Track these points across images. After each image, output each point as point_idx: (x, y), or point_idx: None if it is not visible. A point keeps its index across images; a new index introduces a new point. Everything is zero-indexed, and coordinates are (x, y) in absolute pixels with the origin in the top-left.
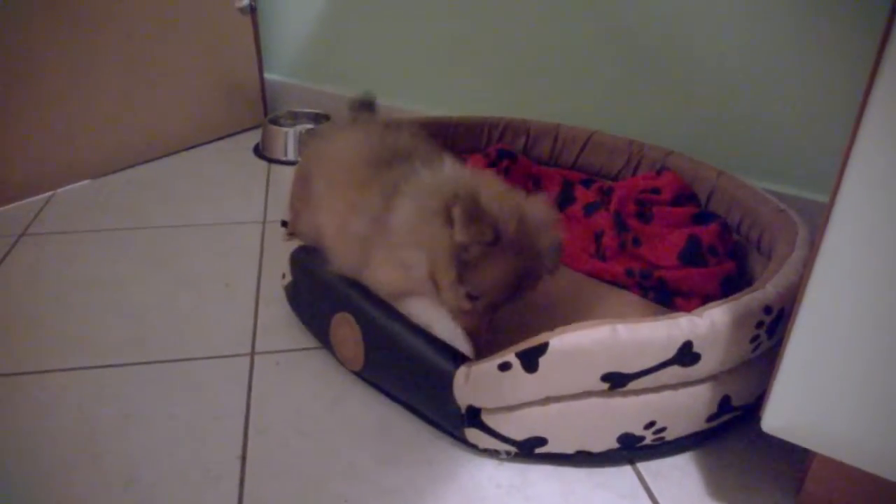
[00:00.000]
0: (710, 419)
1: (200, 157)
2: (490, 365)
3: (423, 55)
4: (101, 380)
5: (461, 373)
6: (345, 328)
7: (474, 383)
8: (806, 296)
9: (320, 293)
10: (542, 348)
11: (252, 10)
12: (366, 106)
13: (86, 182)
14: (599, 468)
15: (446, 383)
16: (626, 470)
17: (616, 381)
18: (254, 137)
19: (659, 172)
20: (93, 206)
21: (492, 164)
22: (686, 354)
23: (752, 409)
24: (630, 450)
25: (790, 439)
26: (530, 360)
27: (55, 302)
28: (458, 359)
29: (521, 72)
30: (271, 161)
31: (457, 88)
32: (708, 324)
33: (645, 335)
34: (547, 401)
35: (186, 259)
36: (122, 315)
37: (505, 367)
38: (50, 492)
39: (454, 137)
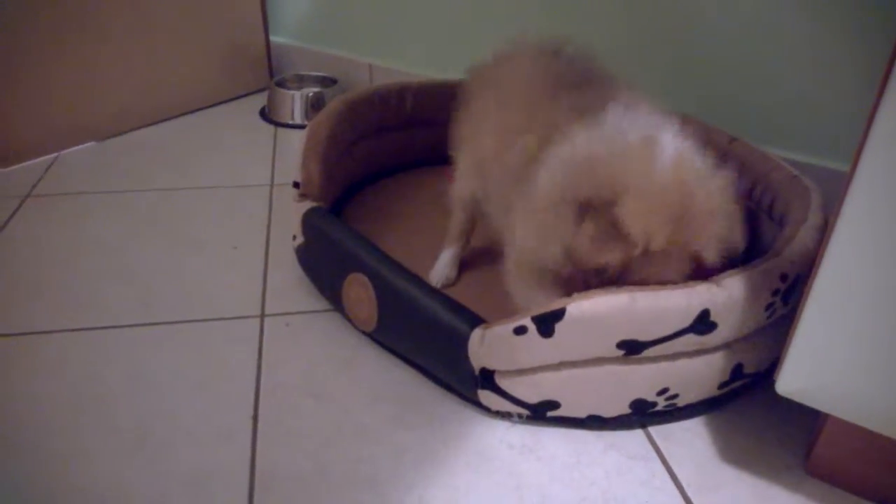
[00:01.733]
0: (721, 386)
1: (206, 120)
2: (506, 328)
3: (432, 18)
4: (108, 340)
5: (476, 334)
6: (358, 288)
7: (489, 346)
8: (824, 261)
9: (333, 254)
10: (558, 314)
11: None
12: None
13: (91, 144)
14: (609, 431)
15: (461, 345)
16: (637, 433)
17: (631, 349)
18: (259, 101)
19: None
20: (98, 168)
21: None
22: (703, 322)
23: (763, 376)
24: (641, 415)
25: (804, 402)
26: (546, 325)
27: (60, 264)
28: (474, 320)
29: (533, 34)
30: (278, 125)
31: (467, 52)
32: (726, 293)
33: (664, 303)
34: (561, 366)
35: (193, 222)
36: (128, 277)
37: (520, 330)
38: (59, 448)
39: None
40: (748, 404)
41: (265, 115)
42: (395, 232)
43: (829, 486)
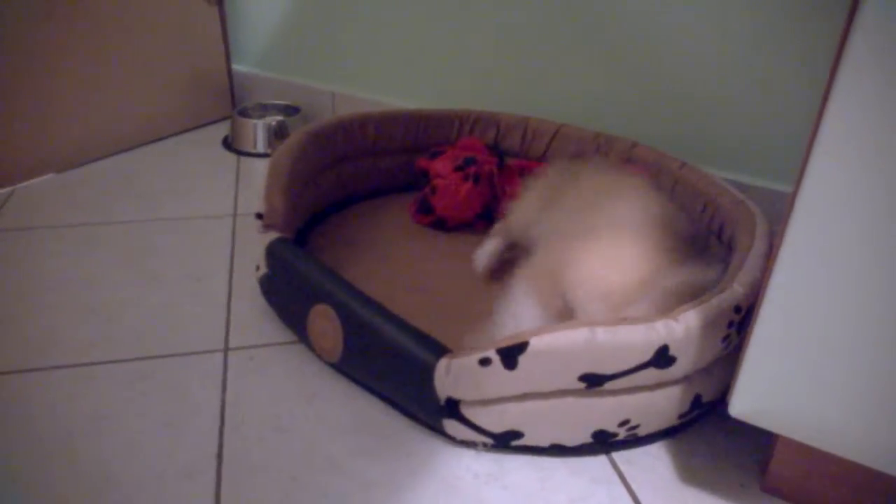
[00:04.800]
0: (681, 416)
1: (168, 150)
2: (471, 359)
3: (394, 47)
4: (69, 380)
5: (442, 365)
6: (323, 320)
7: (455, 376)
8: (770, 283)
9: (298, 285)
10: (522, 346)
11: (219, 2)
12: None
13: (49, 176)
14: (573, 457)
15: (427, 375)
16: (601, 458)
17: (593, 382)
18: (222, 129)
19: (625, 164)
20: (57, 201)
21: (458, 169)
22: (663, 357)
23: (719, 402)
24: (603, 444)
25: (756, 423)
26: (510, 358)
27: (19, 301)
28: (440, 350)
29: (491, 64)
30: (241, 154)
31: (428, 80)
32: (684, 327)
33: (623, 338)
34: (525, 397)
35: (155, 254)
36: (90, 313)
37: (485, 362)
38: (22, 494)
39: (425, 130)
40: (705, 427)
41: (228, 144)
42: (360, 260)
43: (784, 503)
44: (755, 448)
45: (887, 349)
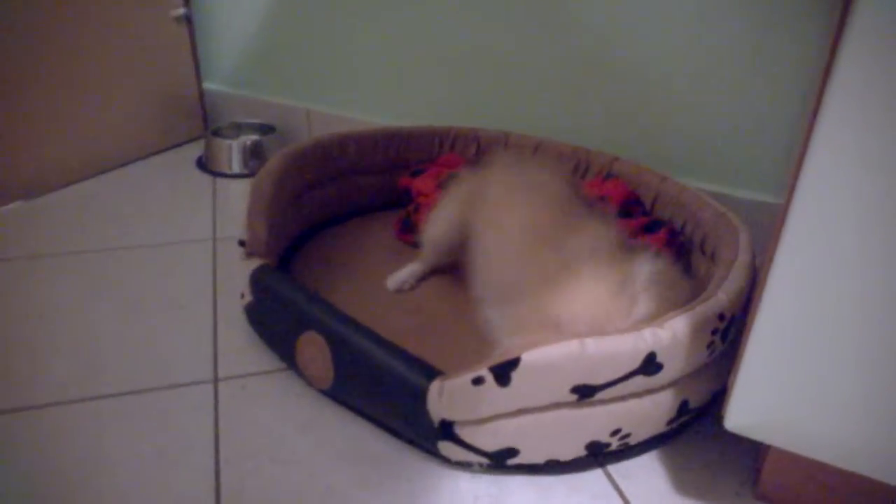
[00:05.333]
0: (669, 422)
1: (141, 173)
2: (464, 380)
3: (369, 63)
4: (55, 419)
5: (435, 387)
6: (312, 348)
7: (448, 397)
8: (763, 298)
9: (285, 313)
10: (514, 362)
11: (188, 20)
12: None
13: (17, 204)
14: (571, 474)
15: (420, 398)
16: (597, 473)
17: (584, 393)
18: (195, 150)
19: (605, 179)
20: (26, 229)
21: (440, 186)
22: (650, 364)
23: (706, 408)
24: (597, 456)
25: (751, 436)
26: (503, 375)
27: None
28: (431, 373)
29: (468, 80)
30: (216, 175)
31: (404, 96)
32: (670, 335)
33: (611, 348)
34: (518, 413)
35: (135, 282)
36: (69, 347)
37: (478, 381)
38: None
39: (406, 147)
40: (694, 436)
41: (202, 164)
42: (346, 282)
43: None
44: (745, 454)
45: (884, 358)
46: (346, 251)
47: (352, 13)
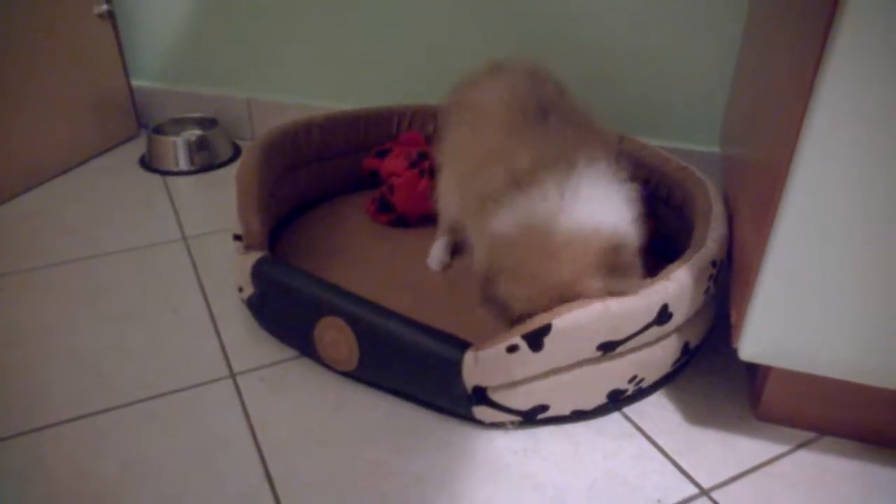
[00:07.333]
0: (675, 363)
1: (84, 179)
2: (498, 349)
3: (308, 45)
4: (81, 433)
5: (469, 357)
6: (333, 331)
7: (483, 366)
8: (773, 236)
9: (296, 301)
10: (546, 329)
11: (111, 16)
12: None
13: None
14: (594, 419)
15: (453, 370)
16: (616, 416)
17: (608, 348)
18: (134, 149)
19: None
20: None
21: (412, 165)
22: (663, 315)
23: (698, 349)
24: (616, 402)
25: (766, 363)
26: (536, 341)
27: None
28: (462, 344)
29: (413, 56)
30: (164, 173)
31: (348, 78)
32: (677, 285)
33: (632, 304)
34: (549, 373)
35: (117, 292)
36: (72, 362)
37: (513, 349)
38: None
39: (365, 129)
40: (692, 372)
41: (146, 164)
42: (334, 266)
43: (779, 427)
44: (742, 383)
45: (882, 277)
46: (328, 236)
47: None
